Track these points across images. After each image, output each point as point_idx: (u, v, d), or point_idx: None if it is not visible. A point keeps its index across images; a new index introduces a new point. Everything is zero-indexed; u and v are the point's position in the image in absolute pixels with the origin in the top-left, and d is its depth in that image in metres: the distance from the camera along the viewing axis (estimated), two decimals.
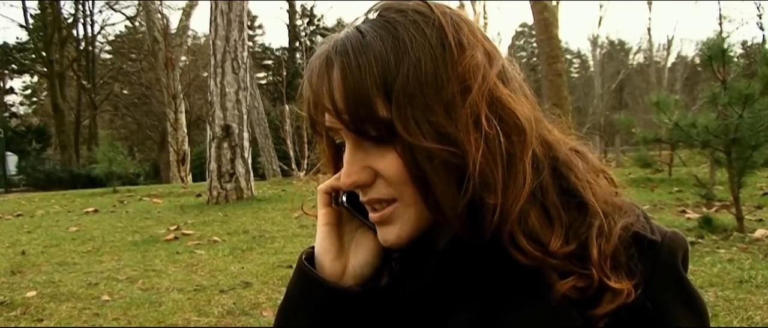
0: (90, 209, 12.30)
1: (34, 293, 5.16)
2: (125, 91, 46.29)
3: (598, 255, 0.81)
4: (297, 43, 47.60)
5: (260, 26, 55.94)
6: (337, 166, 0.98)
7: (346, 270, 0.96)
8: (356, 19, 0.89)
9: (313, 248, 1.00)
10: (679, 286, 0.85)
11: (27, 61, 43.77)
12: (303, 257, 0.99)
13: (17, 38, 52.05)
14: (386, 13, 0.84)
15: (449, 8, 0.86)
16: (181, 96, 28.44)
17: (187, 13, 32.78)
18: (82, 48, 43.25)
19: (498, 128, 0.81)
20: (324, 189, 0.98)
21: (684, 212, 8.21)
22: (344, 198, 0.97)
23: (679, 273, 0.85)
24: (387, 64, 0.79)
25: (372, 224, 0.93)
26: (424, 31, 0.81)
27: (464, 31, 0.84)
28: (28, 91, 51.99)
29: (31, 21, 40.82)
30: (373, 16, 0.86)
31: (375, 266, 0.97)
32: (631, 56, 51.79)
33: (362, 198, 0.90)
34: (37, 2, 40.05)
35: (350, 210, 0.97)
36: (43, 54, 38.29)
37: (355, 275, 0.96)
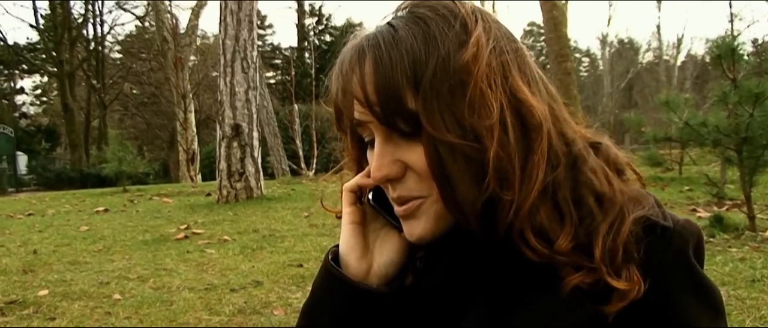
0: (100, 209, 12.34)
1: (46, 291, 5.19)
2: (135, 91, 46.34)
3: (602, 253, 0.81)
4: (306, 43, 47.62)
5: (270, 25, 56.03)
6: (361, 164, 0.99)
7: (371, 269, 0.96)
8: (386, 16, 0.89)
9: (338, 246, 1.00)
10: (688, 274, 0.84)
11: (37, 61, 43.89)
12: (329, 256, 0.99)
13: (27, 38, 52.47)
14: (416, 9, 0.85)
15: (474, 5, 0.87)
16: (191, 95, 28.47)
17: (196, 13, 32.78)
18: (91, 48, 43.38)
19: (516, 124, 0.82)
20: (349, 187, 0.98)
21: (695, 210, 8.19)
22: (370, 196, 0.97)
23: (689, 261, 0.84)
24: (418, 57, 0.80)
25: (397, 222, 0.93)
26: (452, 26, 0.82)
27: (489, 28, 0.85)
28: (38, 91, 52.18)
29: (41, 21, 40.99)
30: (402, 13, 0.87)
31: (400, 265, 0.97)
32: (640, 55, 51.64)
33: (391, 194, 0.90)
34: (47, 2, 40.21)
35: (376, 208, 0.97)
36: (53, 54, 38.44)
37: (380, 274, 0.96)
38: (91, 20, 42.62)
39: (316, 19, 51.64)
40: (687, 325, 0.82)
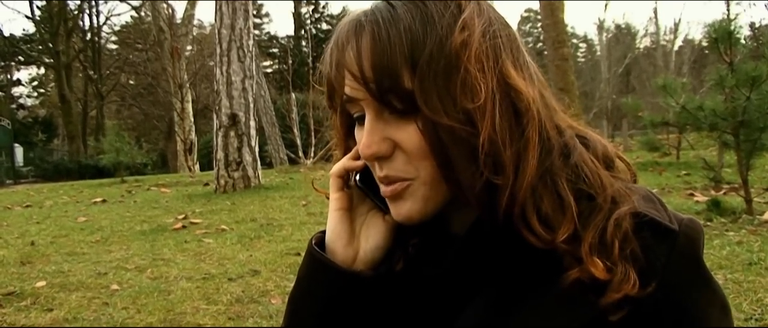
0: (98, 199, 12.34)
1: (43, 283, 5.19)
2: (131, 82, 46.33)
3: (591, 245, 0.80)
4: (302, 31, 47.56)
5: (267, 14, 56.00)
6: (347, 145, 0.98)
7: (357, 255, 0.96)
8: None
9: (322, 232, 1.00)
10: (698, 273, 0.83)
11: (34, 53, 43.83)
12: (313, 242, 0.99)
13: (24, 30, 52.30)
14: None
15: None
16: (188, 85, 28.43)
17: (192, 3, 32.71)
18: (88, 39, 43.33)
19: (506, 108, 0.82)
20: (336, 172, 0.97)
21: (692, 195, 8.19)
22: (357, 177, 0.97)
23: (699, 261, 0.83)
24: (416, 37, 0.80)
25: (384, 204, 0.93)
26: (448, 6, 0.82)
27: (482, 10, 0.85)
28: (35, 83, 52.17)
29: (37, 12, 40.86)
30: None
31: (386, 249, 0.97)
32: (637, 40, 51.51)
33: (378, 173, 0.89)
34: None
35: (363, 189, 0.96)
36: (50, 45, 38.32)
37: (366, 259, 0.96)
38: (87, 11, 42.66)
39: (312, 7, 51.58)
40: (700, 325, 0.81)
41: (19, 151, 33.95)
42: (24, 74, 52.25)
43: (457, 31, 0.80)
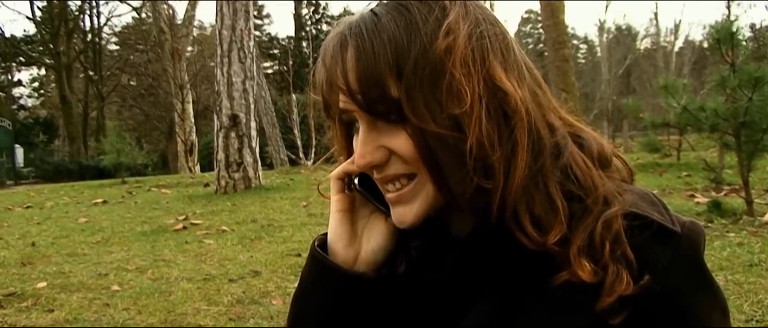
0: (99, 200, 12.33)
1: (44, 283, 5.19)
2: (132, 83, 46.34)
3: (579, 247, 0.79)
4: (303, 32, 47.59)
5: (267, 15, 56.08)
6: (349, 151, 0.98)
7: (359, 256, 0.96)
8: (370, 3, 0.88)
9: (325, 234, 1.00)
10: (700, 276, 0.83)
11: (34, 54, 43.80)
12: (316, 243, 0.99)
13: (24, 31, 52.38)
14: None
15: None
16: (188, 86, 28.43)
17: (192, 4, 32.72)
18: (88, 40, 43.30)
19: (495, 111, 0.81)
20: (336, 175, 0.98)
21: (693, 196, 8.19)
22: (356, 181, 0.97)
23: (701, 263, 0.83)
24: (400, 45, 0.79)
25: (385, 207, 0.93)
26: (433, 11, 0.81)
27: (468, 12, 0.84)
28: (36, 84, 52.12)
29: (38, 13, 40.86)
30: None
31: (388, 250, 0.97)
32: (638, 41, 51.54)
33: (377, 175, 0.89)
34: None
35: (363, 193, 0.97)
36: (51, 46, 38.31)
37: (368, 260, 0.96)
38: (88, 12, 42.63)
39: (313, 8, 51.61)
40: (701, 326, 0.81)
41: (19, 152, 33.93)
42: (25, 75, 52.22)
43: (440, 37, 0.79)
